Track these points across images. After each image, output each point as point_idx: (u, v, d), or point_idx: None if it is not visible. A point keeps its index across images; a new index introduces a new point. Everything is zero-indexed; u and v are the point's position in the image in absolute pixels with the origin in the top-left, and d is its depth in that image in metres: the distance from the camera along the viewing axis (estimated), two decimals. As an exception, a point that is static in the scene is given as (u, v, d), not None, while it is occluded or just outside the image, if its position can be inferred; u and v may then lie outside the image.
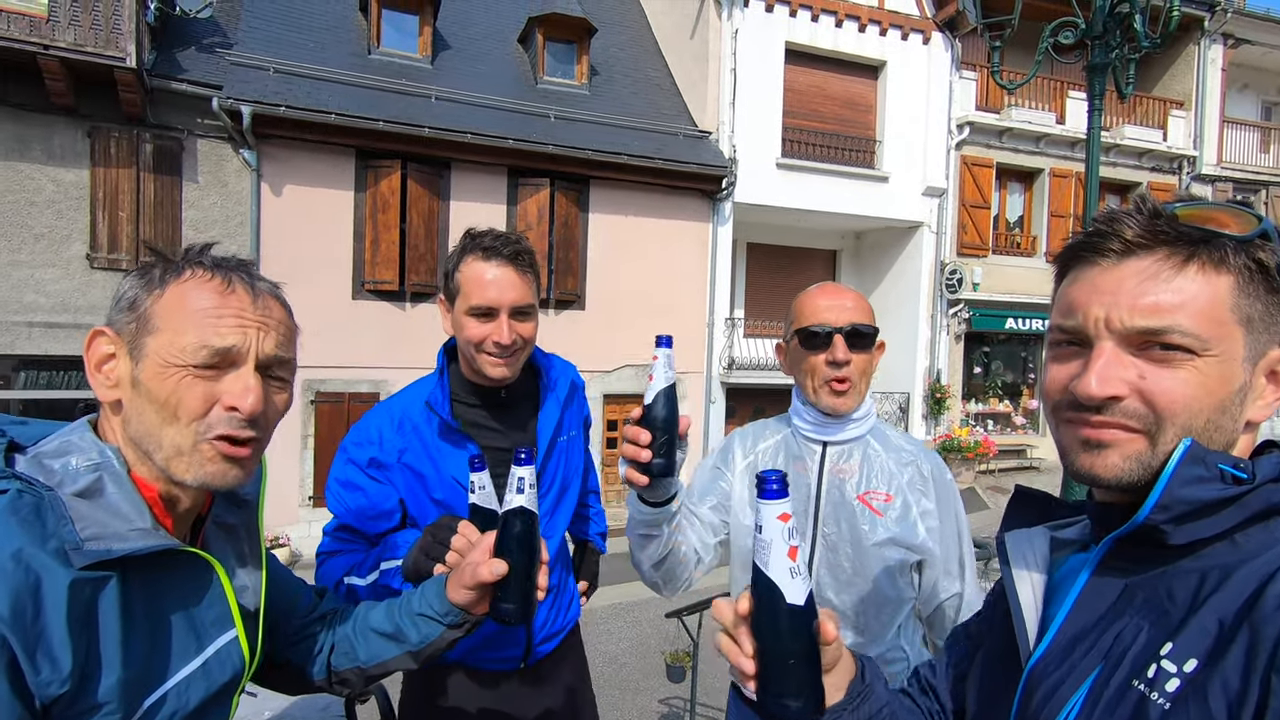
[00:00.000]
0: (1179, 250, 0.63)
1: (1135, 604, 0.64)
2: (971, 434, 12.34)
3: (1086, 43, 4.23)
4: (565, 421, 1.61)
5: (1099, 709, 0.61)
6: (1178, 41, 13.29)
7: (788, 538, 0.67)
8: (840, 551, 1.35)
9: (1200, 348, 0.62)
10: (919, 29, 12.07)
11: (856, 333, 1.33)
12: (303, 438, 9.00)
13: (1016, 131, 12.70)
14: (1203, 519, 0.61)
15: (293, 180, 8.80)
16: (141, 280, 0.81)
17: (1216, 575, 0.60)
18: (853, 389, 1.35)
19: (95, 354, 0.80)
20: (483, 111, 9.70)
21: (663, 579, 1.36)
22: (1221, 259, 0.62)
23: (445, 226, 9.53)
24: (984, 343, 13.66)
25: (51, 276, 7.95)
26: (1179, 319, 0.62)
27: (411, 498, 1.45)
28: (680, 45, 12.03)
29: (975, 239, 12.63)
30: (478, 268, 1.39)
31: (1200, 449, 0.62)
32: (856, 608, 1.34)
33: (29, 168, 7.81)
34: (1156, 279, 0.63)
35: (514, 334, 1.38)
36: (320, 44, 9.76)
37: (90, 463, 0.76)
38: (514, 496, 0.94)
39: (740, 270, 12.55)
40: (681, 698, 4.80)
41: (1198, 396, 0.62)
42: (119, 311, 0.80)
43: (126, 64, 7.44)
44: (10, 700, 0.64)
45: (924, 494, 1.37)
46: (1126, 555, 0.67)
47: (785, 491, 0.68)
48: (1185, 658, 0.58)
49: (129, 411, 0.79)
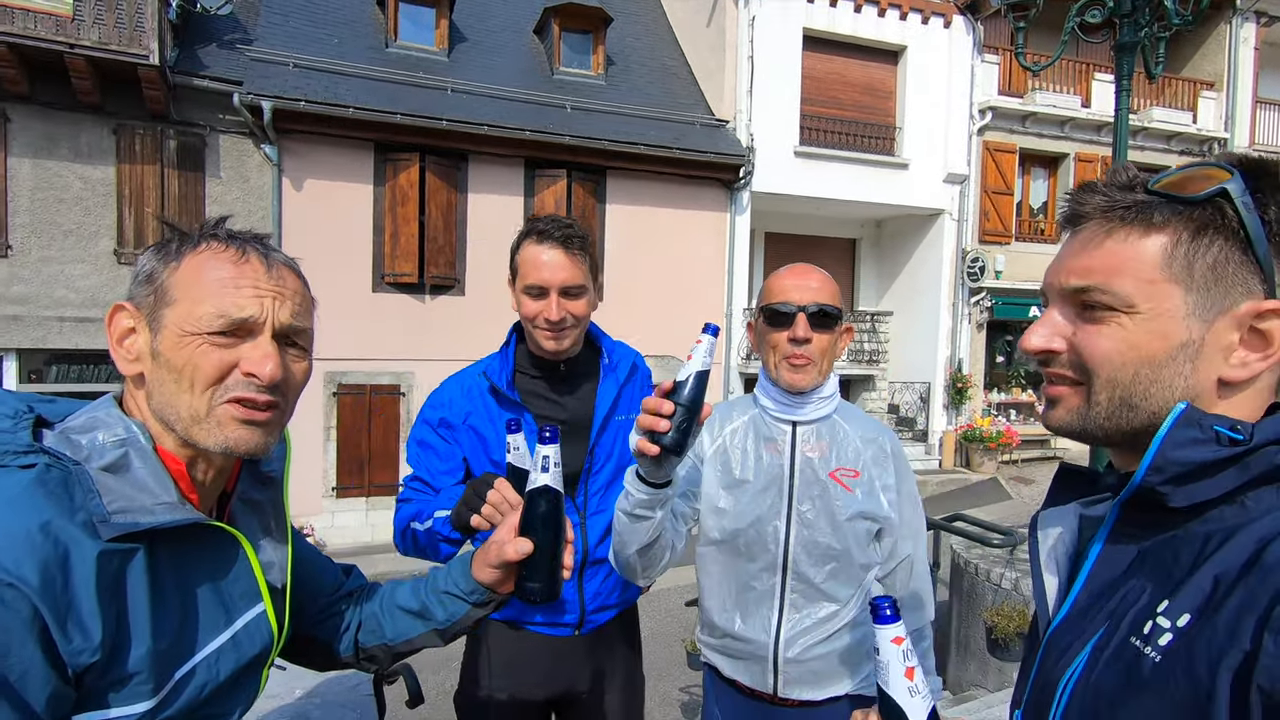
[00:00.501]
0: (1114, 217, 0.67)
1: (1144, 568, 0.66)
2: (994, 424, 12.19)
3: (1114, 21, 4.13)
4: (623, 402, 1.69)
5: (1099, 667, 0.63)
6: (1208, 20, 12.92)
7: (904, 659, 0.73)
8: (816, 528, 1.41)
9: (1123, 305, 0.66)
10: (940, 12, 11.86)
11: (820, 312, 1.37)
12: (325, 429, 9.12)
13: (1040, 116, 12.44)
14: (1201, 481, 0.62)
15: (313, 174, 8.88)
16: (159, 254, 0.82)
17: (1220, 536, 0.61)
18: (811, 366, 1.39)
19: (116, 328, 0.81)
20: (499, 103, 9.72)
21: (644, 564, 1.36)
22: (1149, 222, 0.65)
23: (463, 219, 9.58)
24: (1007, 331, 13.46)
25: (81, 272, 8.11)
26: (1099, 279, 0.67)
27: (474, 457, 1.59)
28: (697, 33, 11.94)
29: (998, 226, 12.43)
30: (532, 250, 1.53)
31: (1196, 411, 0.63)
32: (830, 578, 1.42)
33: (57, 165, 7.97)
34: (1089, 244, 0.69)
35: (563, 311, 1.51)
36: (338, 38, 9.83)
37: (116, 438, 0.77)
38: (539, 475, 0.94)
39: (758, 260, 12.47)
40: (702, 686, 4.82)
41: (1120, 350, 0.66)
42: (138, 285, 0.81)
43: (150, 61, 7.55)
44: (44, 668, 0.65)
45: (885, 469, 1.46)
46: (1137, 522, 0.68)
47: (898, 616, 0.74)
48: (1179, 613, 0.59)
49: (151, 384, 0.80)
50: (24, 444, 0.71)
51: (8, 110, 7.73)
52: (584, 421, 1.63)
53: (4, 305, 7.83)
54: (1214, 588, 0.58)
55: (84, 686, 0.70)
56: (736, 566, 1.46)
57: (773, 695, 1.44)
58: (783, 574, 1.42)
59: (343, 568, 1.14)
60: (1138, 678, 0.59)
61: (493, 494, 1.23)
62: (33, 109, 7.81)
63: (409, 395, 9.46)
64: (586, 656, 1.68)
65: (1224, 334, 0.64)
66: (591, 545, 1.64)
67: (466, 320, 9.42)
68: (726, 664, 1.50)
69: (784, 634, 1.42)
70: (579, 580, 1.64)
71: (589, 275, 1.58)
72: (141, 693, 0.73)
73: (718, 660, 1.52)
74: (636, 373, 1.75)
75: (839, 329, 1.42)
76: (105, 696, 0.71)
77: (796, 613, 1.42)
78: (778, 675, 1.43)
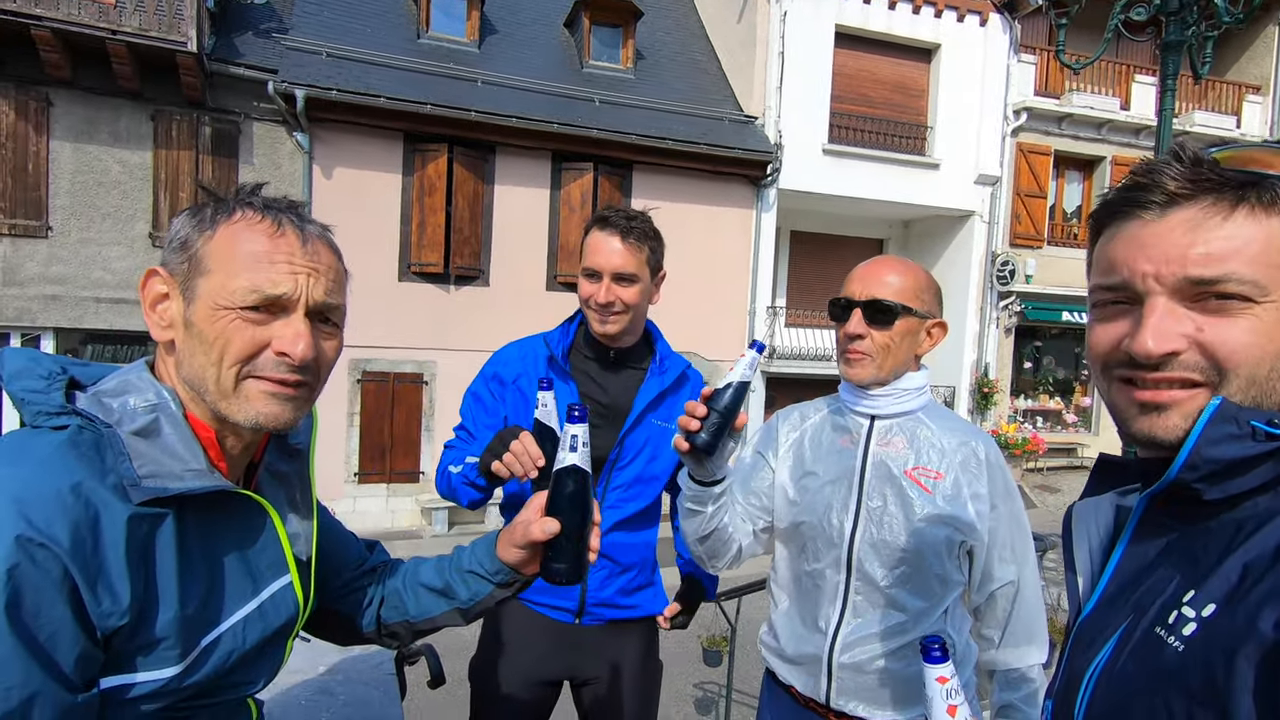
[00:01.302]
0: (1225, 196, 0.60)
1: (1172, 558, 0.64)
2: (1019, 430, 11.99)
3: (1160, 19, 4.02)
4: (664, 406, 1.70)
5: (1123, 657, 0.62)
6: (1256, 21, 12.54)
7: (946, 697, 0.80)
8: (885, 526, 1.32)
9: (1259, 294, 0.59)
10: (976, 10, 11.64)
11: (874, 306, 1.32)
12: (348, 415, 9.24)
13: (1077, 118, 12.18)
14: (1236, 476, 0.60)
15: (343, 163, 8.98)
16: (193, 220, 0.80)
17: (1251, 526, 0.59)
18: (868, 361, 1.33)
19: (150, 293, 0.80)
20: (528, 95, 9.74)
21: (706, 553, 1.41)
22: (1272, 200, 0.60)
23: (489, 210, 9.63)
24: (1035, 337, 13.23)
25: (117, 254, 8.30)
26: (1234, 266, 0.59)
27: (515, 416, 1.66)
28: (727, 29, 11.86)
29: (1030, 229, 12.20)
30: (594, 236, 1.61)
31: (1231, 407, 0.59)
32: (898, 584, 1.32)
33: (97, 150, 8.15)
34: (1205, 227, 0.61)
35: (612, 295, 1.57)
36: (371, 29, 9.92)
37: (147, 403, 0.76)
38: (567, 455, 0.93)
39: (784, 258, 12.37)
40: (717, 683, 4.81)
41: (1260, 344, 0.60)
42: (172, 252, 0.80)
43: (188, 49, 7.69)
44: (74, 629, 0.65)
45: (977, 477, 1.34)
46: (1168, 512, 0.66)
47: (946, 657, 0.81)
48: (1205, 603, 0.57)
49: (182, 353, 0.79)
50: (56, 405, 0.72)
51: (51, 95, 7.92)
52: (622, 410, 1.66)
53: (43, 285, 8.04)
54: (1242, 577, 0.56)
55: (111, 649, 0.70)
56: (801, 560, 1.41)
57: (825, 706, 1.37)
58: (847, 572, 1.35)
59: (366, 543, 1.14)
60: (1160, 668, 0.57)
61: (515, 444, 1.30)
62: (74, 94, 8.00)
63: (431, 384, 9.54)
64: (591, 648, 1.68)
65: None
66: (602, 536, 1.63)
67: (490, 311, 9.47)
68: (782, 667, 1.45)
69: (842, 636, 1.34)
70: None
71: (645, 267, 1.61)
72: (169, 658, 0.73)
73: (775, 663, 1.48)
74: (685, 383, 1.75)
75: (901, 325, 1.33)
76: (133, 660, 0.71)
77: (858, 616, 1.34)
78: (831, 681, 1.35)
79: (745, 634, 4.20)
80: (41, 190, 7.97)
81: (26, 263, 7.99)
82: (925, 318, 1.35)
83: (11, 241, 7.94)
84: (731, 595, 4.02)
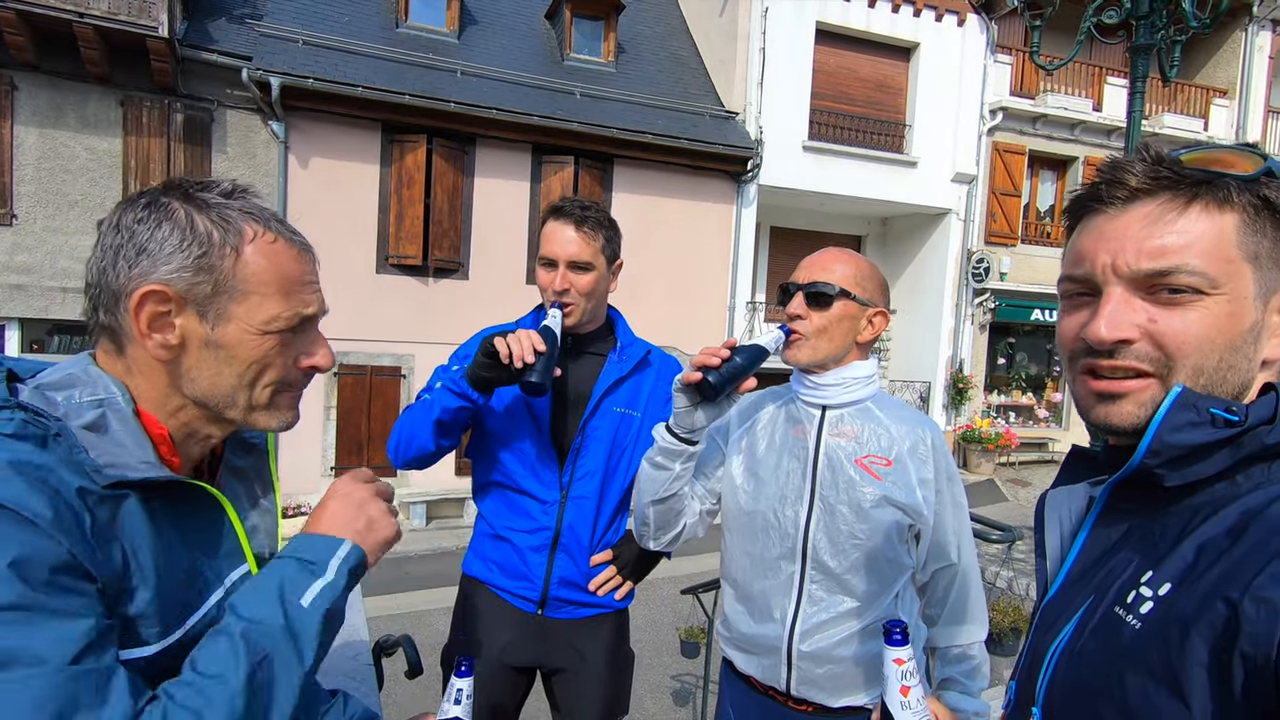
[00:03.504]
0: (1182, 192, 0.64)
1: (1132, 541, 0.66)
2: (993, 425, 12.21)
3: (1131, 23, 4.10)
4: (624, 391, 1.71)
5: (1084, 636, 0.64)
6: (1224, 27, 12.85)
7: (901, 678, 0.84)
8: (837, 514, 1.36)
9: (1209, 286, 0.62)
10: (954, 10, 11.78)
11: (814, 289, 1.36)
12: (325, 409, 9.13)
13: (1051, 118, 12.39)
14: (1196, 462, 0.62)
15: (320, 153, 8.85)
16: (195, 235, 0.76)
17: (1208, 510, 0.62)
18: (804, 342, 1.37)
19: (146, 314, 0.75)
20: (508, 88, 9.67)
21: (656, 520, 1.44)
22: (1225, 198, 0.63)
23: (469, 203, 9.56)
24: (1009, 334, 13.46)
25: (85, 243, 8.08)
26: (1185, 259, 0.62)
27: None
28: (709, 24, 11.87)
29: (1004, 228, 12.40)
30: (550, 225, 1.65)
31: (1191, 394, 0.62)
32: (852, 570, 1.36)
33: (64, 135, 7.94)
34: (1161, 221, 0.64)
35: (566, 283, 1.60)
36: (349, 16, 9.77)
37: (94, 398, 0.74)
38: (450, 707, 0.91)
39: (763, 254, 12.44)
40: (694, 674, 4.85)
41: (1209, 336, 0.63)
42: (183, 269, 0.75)
43: (159, 33, 7.51)
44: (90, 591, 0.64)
45: (924, 462, 1.38)
46: (1130, 498, 0.69)
47: (905, 641, 0.85)
48: (1162, 582, 0.60)
49: (191, 368, 0.78)
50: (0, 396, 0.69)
51: (15, 78, 7.69)
52: (584, 397, 1.68)
53: (7, 274, 7.83)
54: (1196, 557, 0.59)
55: None
56: (754, 551, 1.43)
57: (785, 694, 1.39)
58: (802, 561, 1.37)
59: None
60: (1118, 645, 0.60)
61: (519, 331, 1.42)
62: (40, 78, 7.77)
63: (409, 378, 9.46)
64: (558, 638, 1.69)
65: (1273, 314, 0.64)
66: (565, 525, 1.66)
67: (469, 304, 9.41)
68: (740, 658, 1.47)
69: (800, 625, 1.36)
70: (549, 556, 1.66)
71: (600, 255, 1.64)
72: (148, 636, 0.73)
73: (733, 654, 1.50)
74: (647, 367, 1.76)
75: (839, 308, 1.37)
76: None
77: (814, 605, 1.37)
78: (791, 670, 1.37)
79: (723, 626, 4.24)
80: (5, 177, 7.75)
81: (-10, 251, 7.78)
82: (866, 305, 1.39)
83: (-26, 229, 7.72)
84: (709, 587, 4.06)
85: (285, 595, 0.73)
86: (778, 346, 1.25)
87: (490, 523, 1.72)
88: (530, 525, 1.66)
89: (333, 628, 0.76)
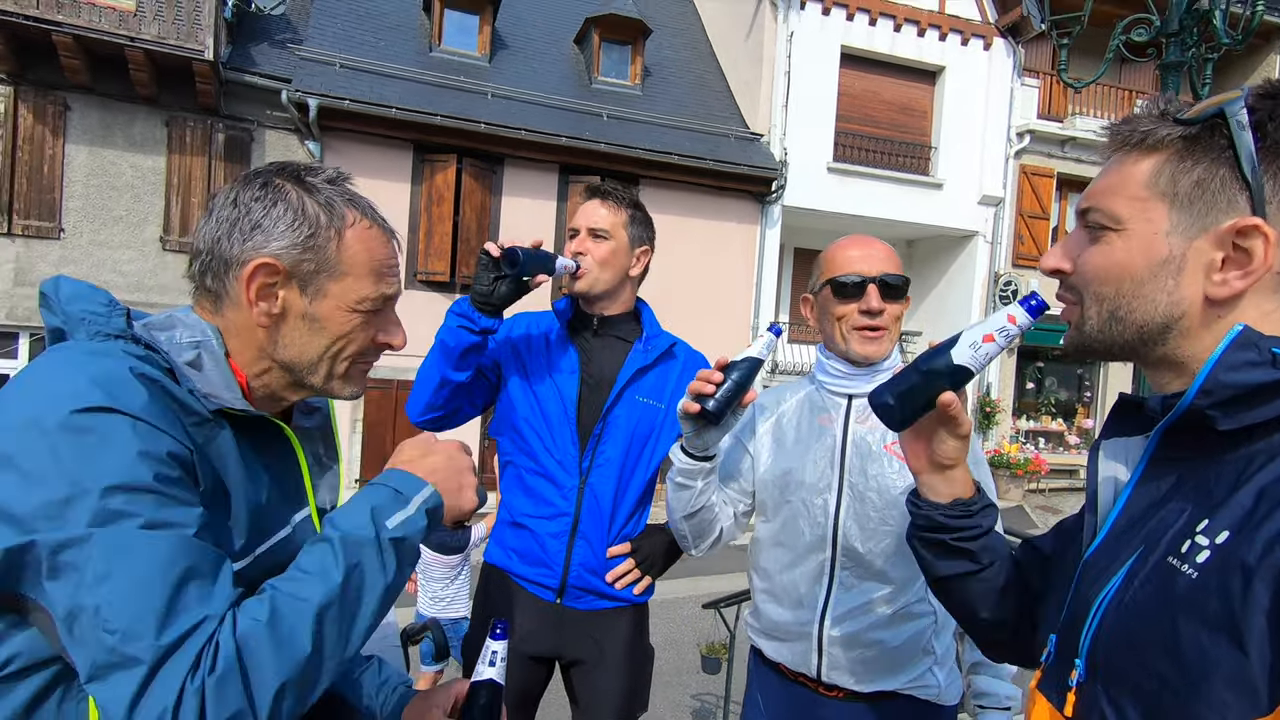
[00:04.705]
0: (1121, 142, 0.71)
1: (1183, 489, 0.65)
2: (1022, 451, 11.96)
3: (1160, 41, 4.09)
4: (648, 381, 1.72)
5: (1134, 587, 0.63)
6: (1256, 50, 12.69)
7: (994, 327, 0.83)
8: (867, 501, 1.35)
9: (1114, 223, 0.69)
10: (980, 34, 11.81)
11: (887, 282, 1.36)
12: (352, 421, 9.27)
13: (1080, 141, 12.29)
14: (1253, 405, 0.60)
15: (353, 171, 8.60)
16: (301, 214, 0.83)
17: (1265, 456, 0.60)
18: (885, 336, 1.38)
19: (257, 284, 0.82)
20: (537, 109, 9.87)
21: (692, 532, 1.45)
22: (1155, 144, 0.67)
23: (496, 221, 9.72)
24: (1037, 358, 13.24)
25: (128, 257, 8.39)
26: (1097, 200, 0.71)
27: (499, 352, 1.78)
28: (734, 47, 12.03)
29: (1032, 250, 12.27)
30: (582, 204, 1.75)
31: (1253, 333, 0.62)
32: (883, 556, 1.35)
33: (112, 154, 8.27)
34: (1104, 171, 0.73)
35: (584, 247, 1.67)
36: (385, 41, 10.08)
37: (193, 339, 0.82)
38: (485, 669, 0.94)
39: (786, 275, 12.44)
40: (714, 694, 4.79)
41: (1105, 266, 0.70)
42: (293, 246, 0.82)
43: (204, 57, 7.83)
44: (196, 491, 0.72)
45: None
46: (1182, 445, 0.67)
47: (1033, 310, 0.82)
48: (1219, 531, 0.58)
49: (286, 337, 0.85)
50: (119, 328, 0.76)
51: (69, 99, 8.05)
52: (607, 383, 1.70)
53: (53, 286, 8.12)
54: (1256, 503, 0.57)
55: None
56: (785, 540, 1.43)
57: (816, 680, 1.39)
58: (832, 549, 1.37)
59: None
60: (1173, 595, 0.59)
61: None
62: (92, 99, 8.13)
63: (435, 392, 9.56)
64: (576, 629, 1.69)
65: (1207, 251, 0.64)
66: (584, 512, 1.67)
67: (495, 321, 9.52)
68: (769, 645, 1.47)
69: (830, 611, 1.36)
70: (568, 543, 1.66)
71: (621, 229, 1.71)
72: (234, 552, 0.78)
73: (762, 643, 1.50)
74: (673, 358, 1.78)
75: (906, 299, 1.40)
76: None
77: (846, 591, 1.36)
78: (821, 655, 1.37)
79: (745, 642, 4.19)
80: (56, 193, 8.08)
81: (39, 263, 8.08)
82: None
83: (25, 242, 8.04)
84: (731, 601, 4.02)
85: (376, 516, 0.78)
86: (771, 348, 1.24)
87: (511, 510, 1.74)
88: (550, 511, 1.68)
89: (410, 558, 0.81)
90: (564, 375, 1.69)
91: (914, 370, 0.86)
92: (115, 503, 0.64)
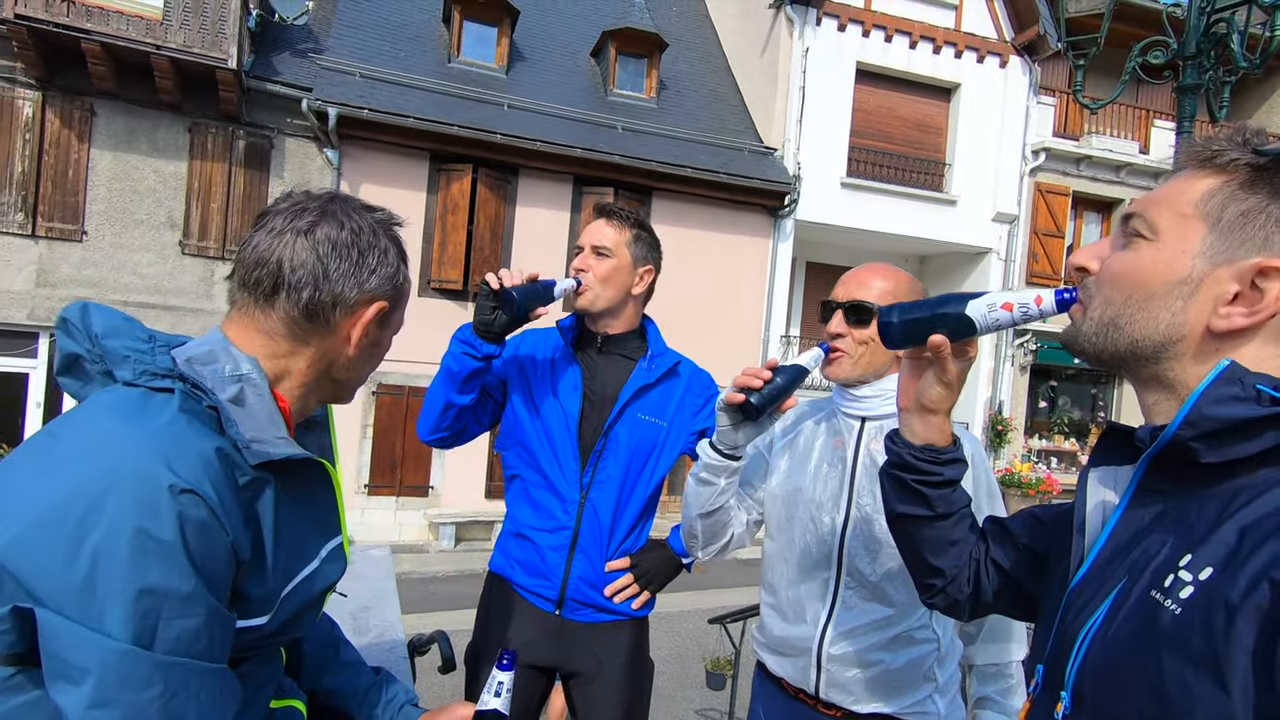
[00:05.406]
0: (1193, 162, 0.70)
1: (1166, 522, 0.65)
2: (1033, 470, 11.85)
3: (1177, 64, 4.08)
4: (651, 399, 1.73)
5: (1117, 621, 0.63)
6: (1274, 73, 12.61)
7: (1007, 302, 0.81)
8: (874, 523, 1.36)
9: (1149, 232, 0.68)
10: (996, 52, 11.82)
11: (854, 307, 1.38)
12: (362, 427, 9.32)
13: (1096, 160, 12.25)
14: (1236, 440, 0.61)
15: (370, 180, 9.20)
16: (396, 254, 0.91)
17: (1250, 493, 0.60)
18: (845, 358, 1.39)
19: (366, 322, 0.88)
20: (553, 121, 9.95)
21: (705, 531, 1.46)
22: (1221, 166, 0.67)
23: (510, 230, 9.79)
24: (1050, 377, 13.13)
25: (147, 260, 8.51)
26: (1145, 206, 0.70)
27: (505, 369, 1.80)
28: (750, 62, 12.09)
29: (1047, 268, 12.20)
30: (589, 223, 1.79)
31: (1239, 368, 0.62)
32: (887, 579, 1.36)
33: (135, 159, 8.42)
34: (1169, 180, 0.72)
35: (585, 264, 1.71)
36: (404, 52, 10.22)
37: (236, 372, 0.78)
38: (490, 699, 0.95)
39: (799, 288, 12.43)
40: (718, 709, 4.75)
41: (1123, 272, 0.69)
42: (390, 283, 0.89)
43: (228, 65, 7.97)
44: (227, 567, 0.71)
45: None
46: (1165, 476, 0.67)
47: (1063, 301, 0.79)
48: (1202, 567, 0.58)
49: (357, 361, 0.90)
50: (164, 367, 0.74)
51: (95, 105, 8.21)
52: (609, 400, 1.71)
53: (75, 287, 8.25)
54: (1239, 540, 0.57)
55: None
56: (792, 557, 1.45)
57: (815, 697, 1.40)
58: (837, 567, 1.39)
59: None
60: (1156, 630, 0.59)
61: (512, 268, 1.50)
62: (117, 105, 8.29)
63: (445, 399, 9.60)
64: (575, 640, 1.70)
65: (1224, 282, 0.64)
66: (584, 526, 1.68)
67: (506, 329, 9.57)
68: (772, 660, 1.49)
69: (831, 629, 1.38)
70: (568, 556, 1.68)
71: (624, 247, 1.73)
72: (263, 610, 0.77)
73: (765, 657, 1.51)
74: (676, 378, 1.78)
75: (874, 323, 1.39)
76: (235, 611, 0.76)
77: (848, 610, 1.38)
78: (820, 673, 1.38)
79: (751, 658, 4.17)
80: (79, 196, 8.22)
81: (61, 265, 8.21)
82: None
83: (48, 244, 8.18)
84: (738, 617, 4.00)
85: None
86: (818, 362, 1.27)
87: (515, 521, 1.76)
88: (551, 524, 1.69)
89: None
90: (567, 391, 1.71)
91: (928, 304, 0.89)
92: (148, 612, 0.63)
